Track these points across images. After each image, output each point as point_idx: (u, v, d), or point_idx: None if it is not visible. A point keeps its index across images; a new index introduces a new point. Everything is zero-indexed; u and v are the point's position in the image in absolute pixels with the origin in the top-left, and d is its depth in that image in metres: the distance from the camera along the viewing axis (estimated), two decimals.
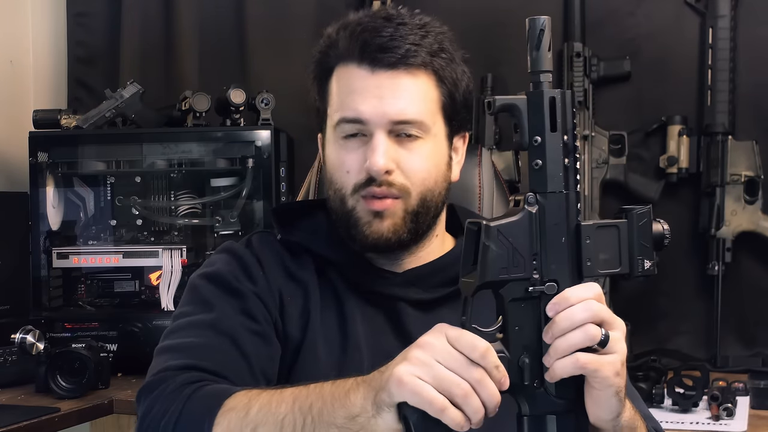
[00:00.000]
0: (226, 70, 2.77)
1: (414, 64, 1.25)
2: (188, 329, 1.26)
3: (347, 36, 1.27)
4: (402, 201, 1.27)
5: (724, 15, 2.38)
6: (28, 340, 2.24)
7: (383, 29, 1.25)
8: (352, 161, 1.27)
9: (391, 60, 1.24)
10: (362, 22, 1.28)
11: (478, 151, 1.57)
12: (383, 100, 1.25)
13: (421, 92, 1.27)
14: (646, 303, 2.49)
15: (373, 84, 1.25)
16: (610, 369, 1.00)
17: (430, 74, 1.27)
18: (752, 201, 2.37)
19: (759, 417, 2.00)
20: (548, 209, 0.99)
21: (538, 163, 0.99)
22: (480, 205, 1.54)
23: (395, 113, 1.25)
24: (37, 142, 2.52)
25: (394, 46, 1.24)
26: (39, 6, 2.93)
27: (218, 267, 1.33)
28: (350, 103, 1.26)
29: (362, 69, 1.26)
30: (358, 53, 1.26)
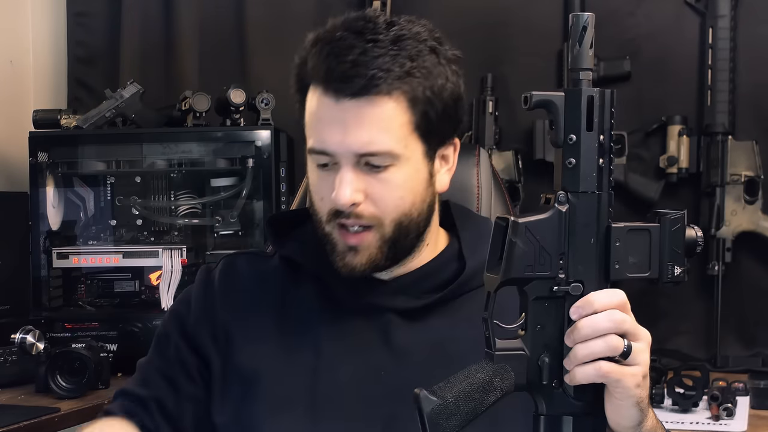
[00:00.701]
0: (226, 70, 2.77)
1: (380, 92, 1.18)
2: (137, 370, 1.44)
3: (315, 56, 1.21)
4: (375, 230, 1.23)
5: (724, 15, 2.39)
6: (28, 340, 2.24)
7: (350, 51, 1.18)
8: (324, 189, 1.23)
9: (353, 89, 1.18)
10: (331, 40, 1.21)
11: (476, 151, 1.57)
12: (347, 132, 1.19)
13: (388, 120, 1.19)
14: (646, 303, 2.49)
15: (338, 114, 1.19)
16: (632, 380, 1.00)
17: (400, 98, 1.19)
18: (752, 201, 2.38)
19: (759, 417, 2.01)
20: (579, 209, 0.98)
21: (571, 161, 0.97)
22: (478, 204, 1.54)
23: (360, 146, 1.19)
24: (37, 142, 2.52)
25: (357, 74, 1.17)
26: (39, 6, 2.92)
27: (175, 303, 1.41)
28: (317, 134, 1.22)
29: (327, 96, 1.20)
30: (323, 79, 1.20)
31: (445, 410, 0.96)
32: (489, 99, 2.53)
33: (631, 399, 1.01)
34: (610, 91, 0.99)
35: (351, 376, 1.27)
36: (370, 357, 1.27)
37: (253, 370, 1.29)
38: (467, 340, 1.24)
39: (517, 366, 0.99)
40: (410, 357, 1.27)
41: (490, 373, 0.98)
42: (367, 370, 1.27)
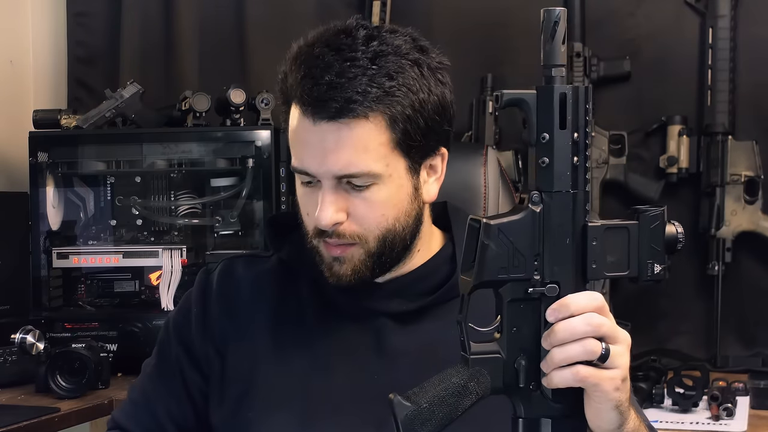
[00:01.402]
0: (226, 70, 2.77)
1: (356, 115, 1.17)
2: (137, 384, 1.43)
3: (294, 75, 1.21)
4: (359, 246, 1.23)
5: (724, 15, 2.39)
6: (28, 340, 2.24)
7: (326, 72, 1.17)
8: (309, 206, 1.24)
9: (330, 112, 1.17)
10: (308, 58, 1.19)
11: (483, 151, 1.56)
12: (326, 154, 1.18)
13: (366, 141, 1.18)
14: (646, 303, 2.49)
15: (316, 137, 1.19)
16: (610, 384, 0.99)
17: (378, 118, 1.18)
18: (752, 201, 2.38)
19: (759, 417, 2.01)
20: (553, 209, 0.96)
21: (545, 161, 0.95)
22: (485, 204, 1.53)
23: (339, 168, 1.18)
24: (37, 142, 2.52)
25: (332, 98, 1.16)
26: (39, 6, 2.92)
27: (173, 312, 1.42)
28: (298, 154, 1.22)
29: (306, 118, 1.19)
30: (300, 101, 1.20)
31: (419, 416, 0.96)
32: (489, 99, 2.53)
33: (610, 402, 1.00)
34: (584, 87, 0.97)
35: (344, 378, 1.27)
36: (363, 360, 1.28)
37: (249, 371, 1.30)
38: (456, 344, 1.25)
39: (493, 369, 0.98)
40: (403, 360, 1.27)
41: (465, 377, 0.98)
42: (361, 373, 1.27)
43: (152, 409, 1.37)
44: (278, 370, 1.29)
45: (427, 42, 1.26)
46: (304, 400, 1.27)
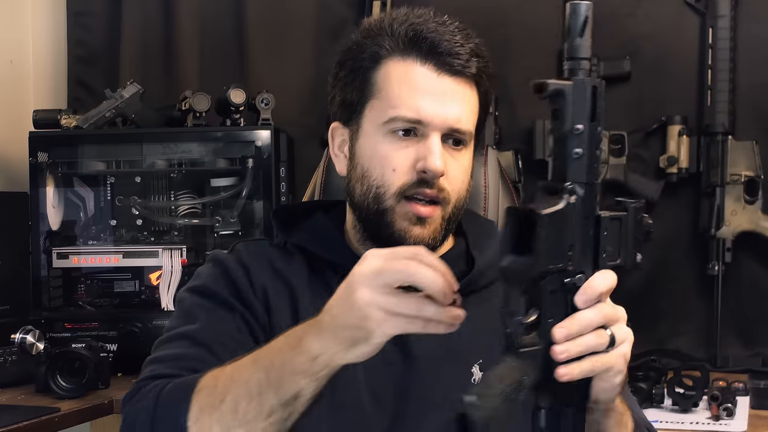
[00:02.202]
0: (226, 70, 2.77)
1: (472, 75, 1.27)
2: (170, 342, 1.28)
3: (410, 31, 1.26)
4: (441, 208, 1.26)
5: (724, 15, 2.38)
6: (28, 340, 2.24)
7: (445, 32, 1.26)
8: (401, 160, 1.25)
9: (456, 66, 1.25)
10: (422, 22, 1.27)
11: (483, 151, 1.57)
12: (445, 105, 1.24)
13: (473, 104, 1.28)
14: (646, 303, 2.49)
15: (438, 87, 1.25)
16: (622, 362, 1.02)
17: (476, 86, 1.29)
18: (752, 201, 2.38)
19: (759, 417, 2.01)
20: (585, 200, 0.98)
21: (578, 152, 0.96)
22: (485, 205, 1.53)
23: (454, 120, 1.25)
24: (37, 142, 2.52)
25: (460, 52, 1.25)
26: (39, 6, 2.93)
27: (202, 279, 1.34)
28: (412, 102, 1.24)
29: (426, 68, 1.25)
30: (425, 52, 1.25)
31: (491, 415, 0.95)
32: None
33: (620, 375, 1.03)
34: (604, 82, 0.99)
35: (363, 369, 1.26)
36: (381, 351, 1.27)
37: None
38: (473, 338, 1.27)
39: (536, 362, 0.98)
40: (418, 353, 1.28)
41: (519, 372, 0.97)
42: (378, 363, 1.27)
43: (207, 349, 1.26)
44: None
45: None
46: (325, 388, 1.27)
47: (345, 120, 1.33)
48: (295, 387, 1.06)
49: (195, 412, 1.11)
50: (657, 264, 2.49)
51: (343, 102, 1.32)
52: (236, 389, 1.09)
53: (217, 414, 1.09)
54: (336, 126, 1.35)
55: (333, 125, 1.36)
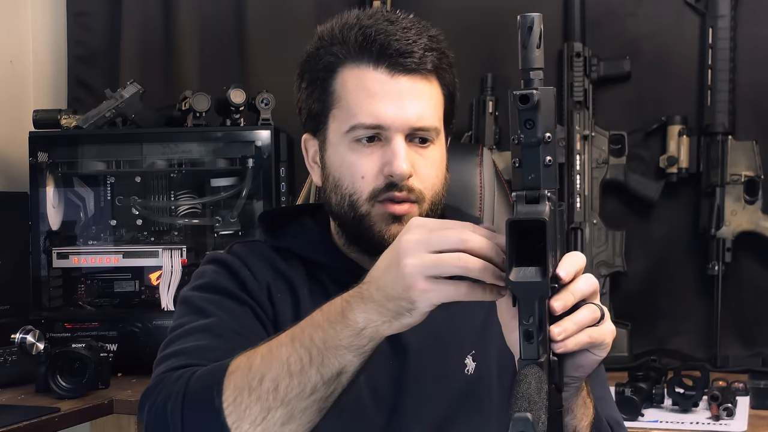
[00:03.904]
0: (226, 70, 2.77)
1: (429, 70, 1.25)
2: (185, 336, 1.26)
3: (359, 36, 1.25)
4: (417, 206, 1.26)
5: (724, 15, 2.38)
6: (28, 340, 2.24)
7: (394, 32, 1.24)
8: (368, 167, 1.25)
9: (410, 65, 1.24)
10: (371, 24, 1.26)
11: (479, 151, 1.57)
12: (403, 105, 1.24)
13: (435, 98, 1.27)
14: (646, 303, 2.49)
15: (393, 89, 1.24)
16: (611, 335, 1.02)
17: (436, 80, 1.27)
18: (752, 201, 2.38)
19: (759, 417, 2.00)
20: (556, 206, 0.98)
21: (550, 160, 0.96)
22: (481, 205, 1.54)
23: (415, 119, 1.24)
24: (37, 142, 2.52)
25: (412, 51, 1.24)
26: (39, 6, 2.93)
27: (208, 277, 1.34)
28: (369, 108, 1.24)
29: (379, 72, 1.24)
30: (376, 56, 1.24)
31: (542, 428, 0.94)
32: (489, 99, 2.53)
33: (607, 349, 1.03)
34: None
35: None
36: None
37: None
38: (461, 332, 1.30)
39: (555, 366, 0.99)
40: (411, 347, 1.28)
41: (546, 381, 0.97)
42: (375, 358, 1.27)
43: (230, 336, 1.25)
44: None
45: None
46: None
47: (313, 131, 1.33)
48: (340, 362, 1.04)
49: (230, 393, 1.08)
50: (657, 264, 2.49)
51: (308, 113, 1.32)
52: (275, 368, 1.06)
53: (256, 394, 1.07)
54: (307, 137, 1.36)
55: (304, 137, 1.36)
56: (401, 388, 1.27)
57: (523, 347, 0.95)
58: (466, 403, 1.28)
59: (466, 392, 1.28)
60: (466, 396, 1.28)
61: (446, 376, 1.28)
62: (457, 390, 1.28)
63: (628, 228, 2.48)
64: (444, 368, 1.28)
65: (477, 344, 1.30)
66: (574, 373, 1.04)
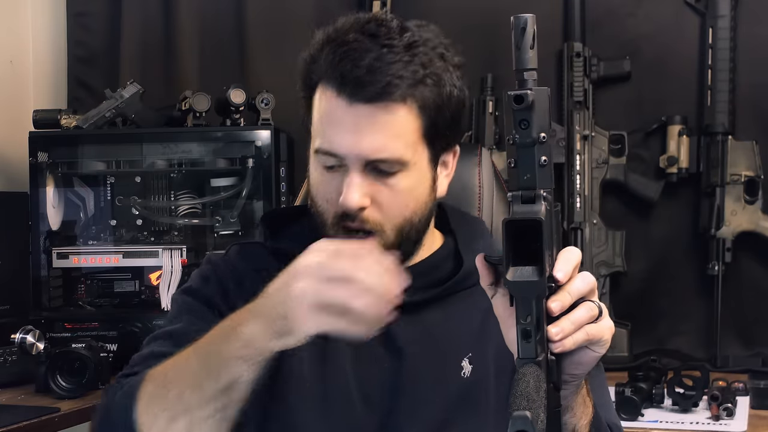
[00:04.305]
0: (226, 70, 2.77)
1: (394, 99, 1.18)
2: (154, 340, 1.31)
3: (328, 57, 1.21)
4: (378, 236, 1.23)
5: (724, 15, 2.39)
6: (28, 340, 2.24)
7: (365, 55, 1.18)
8: (330, 192, 1.23)
9: (368, 94, 1.18)
10: (344, 42, 1.20)
11: (477, 151, 1.57)
12: (360, 136, 1.19)
13: (399, 127, 1.20)
14: (646, 303, 2.49)
15: (350, 118, 1.19)
16: (610, 332, 1.02)
17: (412, 105, 1.20)
18: (752, 201, 2.38)
19: (759, 417, 2.01)
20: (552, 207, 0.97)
21: (545, 160, 0.96)
22: (479, 205, 1.53)
23: (371, 152, 1.19)
24: (37, 142, 2.52)
25: (373, 80, 1.17)
26: (39, 6, 2.92)
27: (192, 280, 1.37)
28: (327, 135, 1.21)
29: (341, 98, 1.19)
30: (337, 82, 1.19)
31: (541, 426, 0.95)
32: (489, 99, 2.53)
33: (606, 346, 1.03)
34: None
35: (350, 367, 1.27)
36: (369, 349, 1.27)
37: None
38: (459, 335, 1.29)
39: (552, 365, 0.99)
40: (407, 349, 1.28)
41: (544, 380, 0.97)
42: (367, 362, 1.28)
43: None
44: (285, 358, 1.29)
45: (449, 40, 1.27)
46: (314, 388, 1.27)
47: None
48: (232, 373, 1.08)
49: (143, 402, 1.15)
50: (657, 264, 2.50)
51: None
52: (181, 378, 1.12)
53: (164, 403, 1.12)
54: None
55: None
56: (396, 390, 1.26)
57: (521, 346, 0.96)
58: (463, 406, 1.27)
59: (462, 395, 1.27)
60: (463, 399, 1.27)
61: (442, 378, 1.27)
62: (453, 393, 1.27)
63: (628, 228, 2.48)
64: (440, 371, 1.28)
65: (474, 347, 1.29)
66: (573, 371, 1.04)
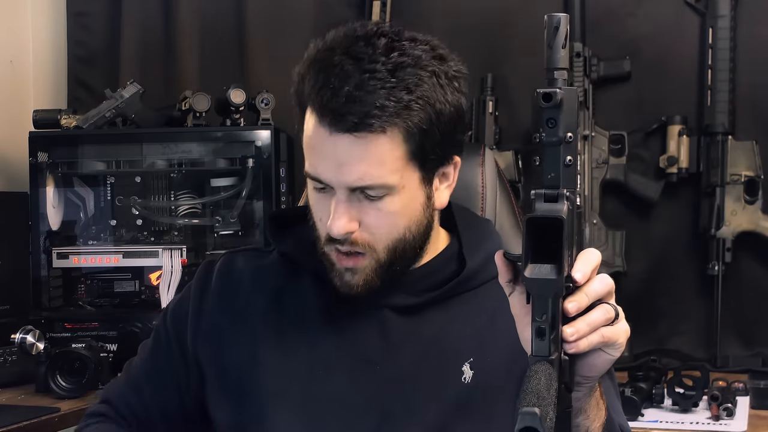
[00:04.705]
0: (226, 70, 2.77)
1: (373, 130, 1.16)
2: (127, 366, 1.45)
3: (311, 82, 1.19)
4: (369, 256, 1.23)
5: (724, 15, 2.39)
6: (28, 340, 2.24)
7: (345, 83, 1.15)
8: (321, 211, 1.24)
9: (347, 125, 1.16)
10: (327, 66, 1.18)
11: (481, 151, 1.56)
12: (341, 166, 1.18)
13: (382, 155, 1.18)
14: (646, 303, 2.49)
15: (330, 147, 1.18)
16: (625, 336, 1.02)
17: (395, 132, 1.17)
18: (752, 201, 2.38)
19: (759, 417, 2.01)
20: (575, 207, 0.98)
21: (570, 160, 0.96)
22: (482, 205, 1.53)
23: (353, 180, 1.18)
24: (37, 142, 2.52)
25: (350, 111, 1.15)
26: (39, 6, 2.92)
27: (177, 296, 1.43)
28: (312, 161, 1.21)
29: (322, 127, 1.18)
30: (317, 110, 1.18)
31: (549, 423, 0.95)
32: (489, 99, 2.53)
33: (621, 349, 1.03)
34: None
35: (348, 370, 1.27)
36: (365, 352, 1.28)
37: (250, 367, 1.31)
38: (460, 338, 1.28)
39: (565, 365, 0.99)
40: (404, 352, 1.28)
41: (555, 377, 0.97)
42: (363, 364, 1.27)
43: (140, 391, 1.39)
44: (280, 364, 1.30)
45: (446, 50, 1.24)
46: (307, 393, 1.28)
47: None
48: None
49: None
50: (657, 264, 2.50)
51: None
52: None
53: None
54: None
55: None
56: (394, 395, 1.26)
57: (534, 344, 0.96)
58: (462, 412, 1.26)
59: (461, 400, 1.26)
60: (462, 404, 1.26)
61: (441, 383, 1.26)
62: (452, 397, 1.26)
63: (628, 228, 2.48)
64: (439, 375, 1.27)
65: (476, 351, 1.28)
66: (586, 373, 1.03)
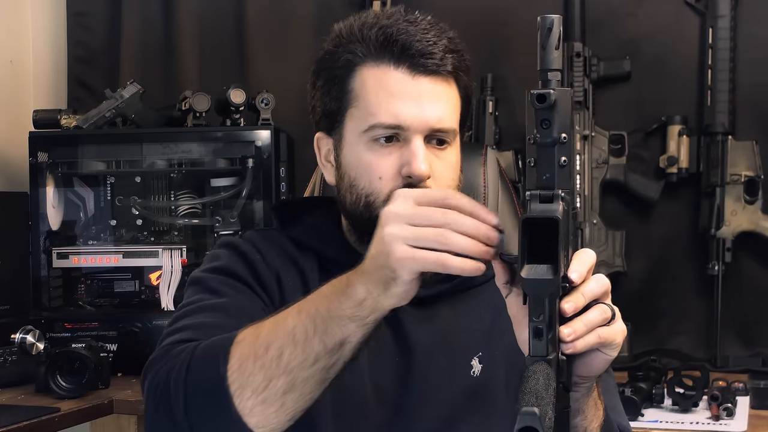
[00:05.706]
0: (226, 70, 2.77)
1: (449, 72, 1.26)
2: (197, 312, 1.25)
3: (380, 35, 1.25)
4: None
5: (724, 15, 2.38)
6: (28, 340, 2.24)
7: (416, 33, 1.24)
8: (386, 168, 1.25)
9: (431, 66, 1.24)
10: (392, 24, 1.26)
11: (483, 150, 1.57)
12: (423, 106, 1.24)
13: (453, 100, 1.27)
14: (646, 303, 2.49)
15: (414, 89, 1.24)
16: (622, 336, 1.03)
17: (455, 82, 1.28)
18: (752, 201, 2.38)
19: (759, 417, 2.01)
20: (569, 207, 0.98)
21: (565, 160, 0.96)
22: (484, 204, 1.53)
23: (435, 121, 1.24)
24: (37, 142, 2.52)
25: (433, 52, 1.24)
26: (39, 6, 2.93)
27: (221, 261, 1.33)
28: (389, 108, 1.24)
29: (400, 72, 1.24)
30: (397, 55, 1.24)
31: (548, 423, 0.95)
32: (489, 99, 2.53)
33: (618, 349, 1.03)
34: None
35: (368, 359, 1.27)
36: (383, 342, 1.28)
37: None
38: (468, 333, 1.30)
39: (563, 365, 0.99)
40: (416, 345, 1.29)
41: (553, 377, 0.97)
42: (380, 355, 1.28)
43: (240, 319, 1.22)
44: None
45: None
46: None
47: (328, 130, 1.33)
48: (342, 333, 1.04)
49: (235, 361, 1.08)
50: (657, 264, 2.49)
51: (323, 112, 1.32)
52: (281, 338, 1.07)
53: (260, 362, 1.07)
54: (320, 136, 1.35)
55: (317, 135, 1.36)
56: (406, 387, 1.27)
57: (532, 344, 0.96)
58: (471, 405, 1.28)
59: (471, 394, 1.28)
60: (471, 398, 1.28)
61: (451, 376, 1.28)
62: (462, 391, 1.28)
63: (628, 228, 2.48)
64: (449, 369, 1.28)
65: (484, 346, 1.30)
66: (584, 373, 1.04)
